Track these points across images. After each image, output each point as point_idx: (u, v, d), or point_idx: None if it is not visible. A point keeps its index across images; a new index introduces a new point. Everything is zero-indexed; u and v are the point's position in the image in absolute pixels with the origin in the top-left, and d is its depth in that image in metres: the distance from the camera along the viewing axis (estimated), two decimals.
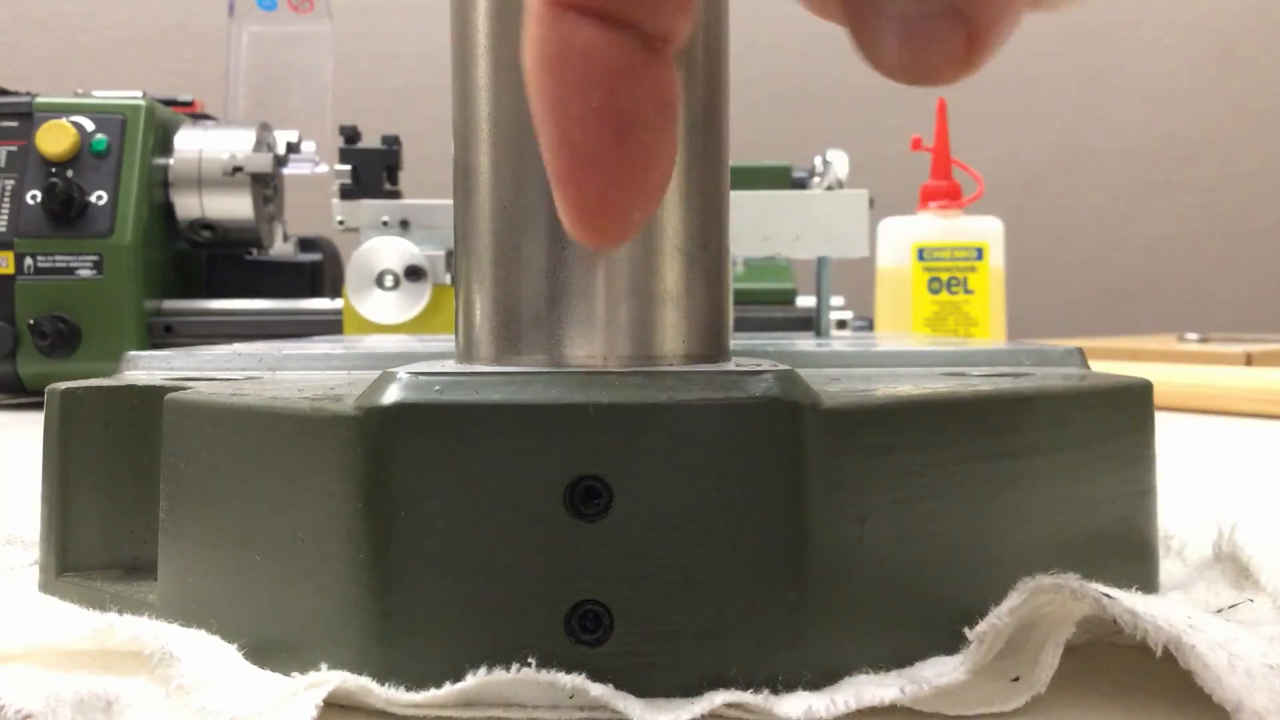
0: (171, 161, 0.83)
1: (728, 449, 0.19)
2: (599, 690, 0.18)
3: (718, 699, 0.18)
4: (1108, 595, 0.19)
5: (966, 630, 0.19)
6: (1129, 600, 0.19)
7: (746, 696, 0.18)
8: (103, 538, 0.26)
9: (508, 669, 0.18)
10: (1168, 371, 0.77)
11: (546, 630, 0.19)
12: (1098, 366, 0.31)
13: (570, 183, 0.17)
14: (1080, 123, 1.47)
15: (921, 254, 0.83)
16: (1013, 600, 0.19)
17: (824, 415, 0.19)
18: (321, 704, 0.18)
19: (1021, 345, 0.33)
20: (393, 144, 0.84)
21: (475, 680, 0.18)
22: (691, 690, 0.19)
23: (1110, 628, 0.19)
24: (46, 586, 0.26)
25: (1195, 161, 1.49)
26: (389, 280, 0.78)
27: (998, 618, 0.19)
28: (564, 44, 0.17)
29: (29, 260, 0.77)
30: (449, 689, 0.18)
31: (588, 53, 0.17)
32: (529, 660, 0.18)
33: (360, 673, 0.19)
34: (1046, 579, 0.19)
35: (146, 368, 0.31)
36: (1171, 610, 0.19)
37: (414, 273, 0.78)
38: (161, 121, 0.83)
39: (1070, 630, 0.19)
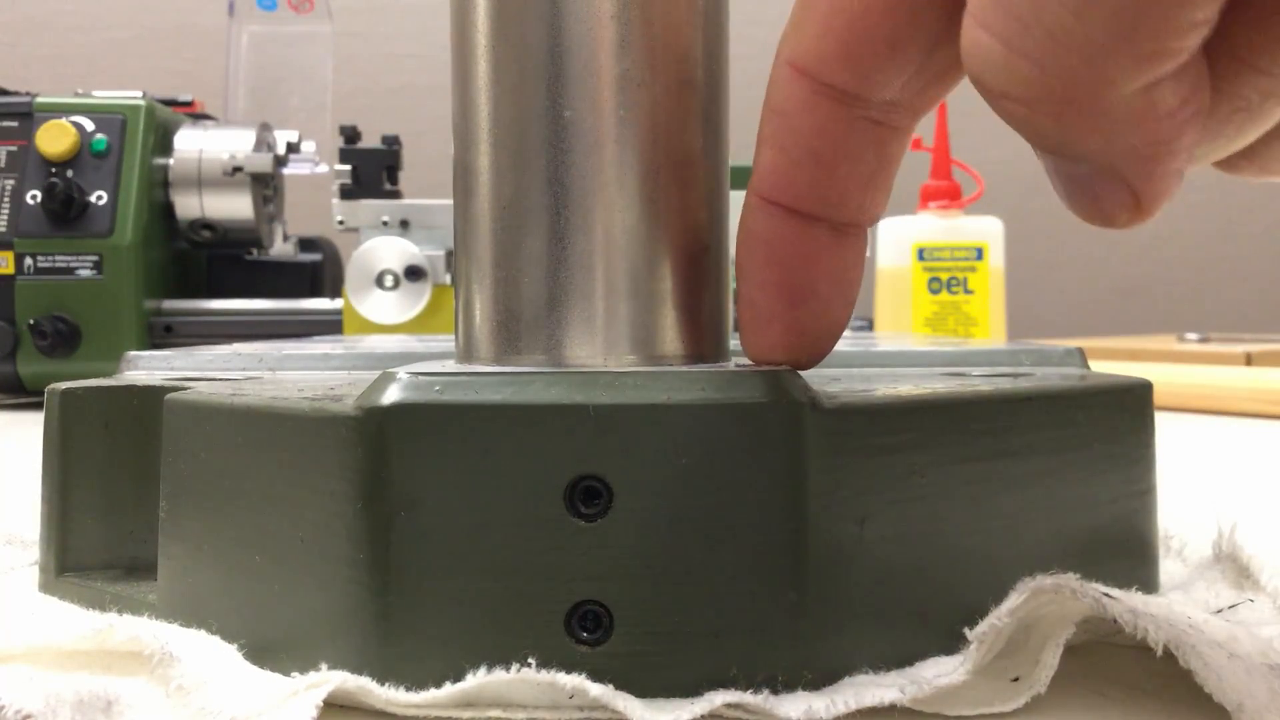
0: (171, 161, 0.83)
1: (728, 449, 0.19)
2: (598, 690, 0.18)
3: (718, 699, 0.18)
4: (1108, 595, 0.19)
5: (966, 631, 0.19)
6: (1129, 600, 0.19)
7: (746, 697, 0.18)
8: (103, 538, 0.26)
9: (507, 669, 0.18)
10: (1168, 371, 0.77)
11: (546, 630, 0.19)
12: (1098, 366, 0.31)
13: (745, 330, 0.21)
14: None
15: (921, 254, 0.83)
16: (1012, 601, 0.19)
17: (824, 415, 0.19)
18: (321, 704, 0.18)
19: (1021, 345, 0.33)
20: (393, 144, 0.84)
21: (475, 680, 0.18)
22: (691, 690, 0.19)
23: (1110, 628, 0.19)
24: (46, 586, 0.26)
25: None
26: (389, 280, 0.78)
27: (998, 618, 0.19)
28: (757, 228, 0.20)
29: (29, 260, 0.77)
30: (449, 689, 0.18)
31: (771, 239, 0.20)
32: (529, 661, 0.18)
33: (360, 673, 0.19)
34: (1047, 579, 0.19)
35: (146, 368, 0.31)
36: (1171, 610, 0.19)
37: (414, 273, 0.78)
38: (161, 121, 0.83)
39: (1070, 630, 0.19)
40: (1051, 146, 0.16)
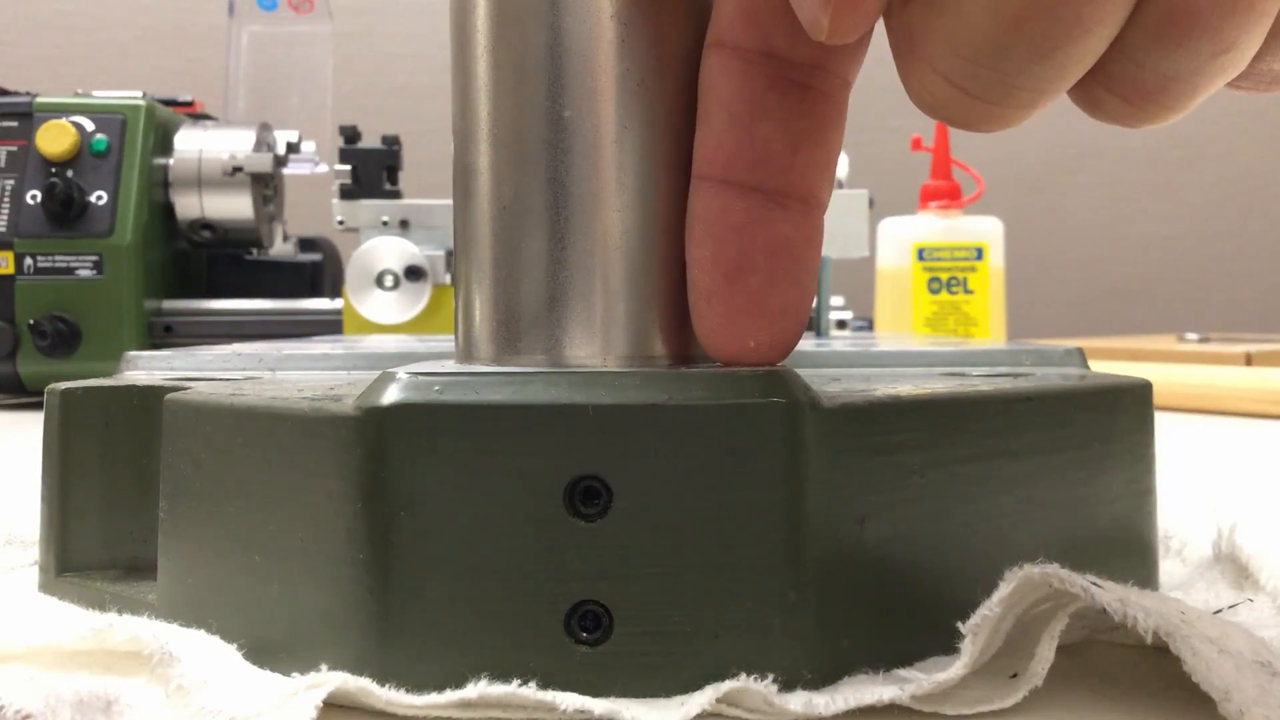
0: (171, 161, 0.83)
1: (727, 449, 0.19)
2: (602, 709, 0.18)
3: (724, 687, 0.18)
4: (1096, 584, 0.19)
5: (960, 625, 0.19)
6: (1118, 590, 0.19)
7: (751, 684, 0.18)
8: (103, 538, 0.26)
9: (507, 681, 0.18)
10: (1168, 371, 0.77)
11: (546, 630, 0.19)
12: (1098, 366, 0.31)
13: (692, 314, 0.21)
14: (1080, 123, 1.46)
15: (921, 254, 0.83)
16: (1002, 590, 0.19)
17: (824, 415, 0.19)
18: (321, 704, 0.18)
19: (1021, 345, 0.33)
20: (393, 144, 0.84)
21: (475, 690, 0.18)
22: (692, 690, 0.19)
23: (1107, 622, 0.19)
24: (46, 586, 0.26)
25: (1195, 161, 1.49)
26: (389, 280, 0.78)
27: (988, 609, 0.19)
28: (694, 208, 0.20)
29: (29, 260, 0.77)
30: (449, 694, 0.18)
31: (705, 215, 0.20)
32: (530, 680, 0.18)
33: (360, 673, 0.19)
34: (1034, 568, 0.19)
35: (146, 368, 0.31)
36: (1164, 604, 0.19)
37: (414, 273, 0.78)
38: (161, 121, 0.83)
39: (1064, 622, 0.19)
40: None
